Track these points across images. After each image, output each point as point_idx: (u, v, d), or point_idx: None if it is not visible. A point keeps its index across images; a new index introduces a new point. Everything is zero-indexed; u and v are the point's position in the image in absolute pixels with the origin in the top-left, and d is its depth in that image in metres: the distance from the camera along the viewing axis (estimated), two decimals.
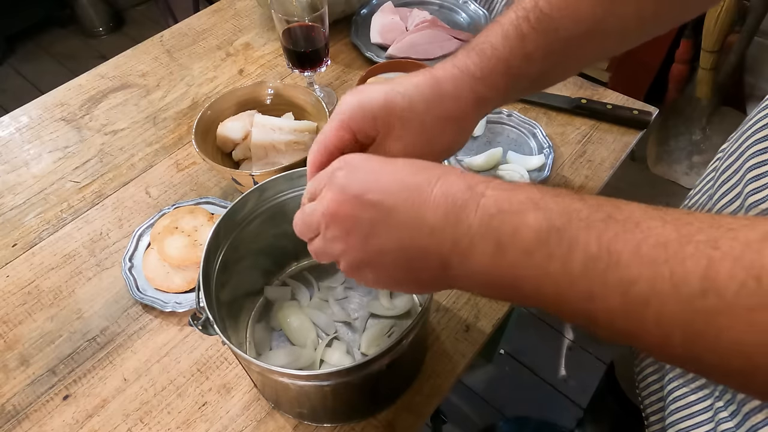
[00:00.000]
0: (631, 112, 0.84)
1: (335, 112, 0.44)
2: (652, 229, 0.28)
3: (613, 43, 0.49)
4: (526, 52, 0.45)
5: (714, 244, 0.26)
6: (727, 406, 0.44)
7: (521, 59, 0.45)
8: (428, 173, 0.35)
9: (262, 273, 0.68)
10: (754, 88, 1.73)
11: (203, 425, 0.59)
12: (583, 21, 0.45)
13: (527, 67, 0.45)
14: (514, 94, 0.49)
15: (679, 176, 1.85)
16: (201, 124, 0.76)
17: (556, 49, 0.45)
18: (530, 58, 0.45)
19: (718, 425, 0.44)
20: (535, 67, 0.46)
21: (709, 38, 1.62)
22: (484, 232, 0.32)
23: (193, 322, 0.49)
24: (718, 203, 0.46)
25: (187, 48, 1.03)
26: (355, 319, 0.66)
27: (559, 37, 0.45)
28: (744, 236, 0.25)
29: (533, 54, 0.45)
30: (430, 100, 0.43)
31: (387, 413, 0.59)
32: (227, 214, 0.56)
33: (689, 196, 0.57)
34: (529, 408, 1.40)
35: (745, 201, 0.42)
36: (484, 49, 0.45)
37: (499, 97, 0.47)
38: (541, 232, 0.30)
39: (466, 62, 0.45)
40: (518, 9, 0.46)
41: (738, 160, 0.45)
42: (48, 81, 2.29)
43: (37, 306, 0.70)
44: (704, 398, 0.47)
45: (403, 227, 0.34)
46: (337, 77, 0.96)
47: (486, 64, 0.44)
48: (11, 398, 0.62)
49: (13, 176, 0.85)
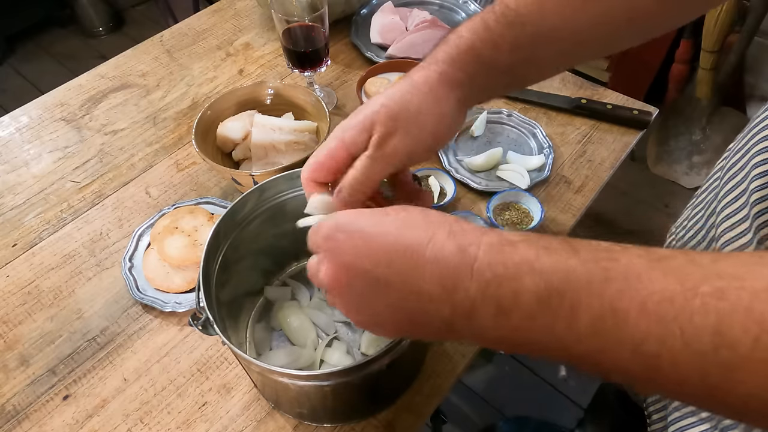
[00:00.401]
0: (631, 112, 0.84)
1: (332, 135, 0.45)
2: (654, 282, 0.27)
3: (584, 47, 0.49)
4: (493, 41, 0.45)
5: (720, 295, 0.25)
6: None
7: (489, 47, 0.46)
8: (418, 233, 0.35)
9: (262, 273, 0.68)
10: (754, 88, 1.73)
11: (203, 425, 0.59)
12: (549, 18, 0.45)
13: (496, 56, 0.46)
14: (492, 88, 0.50)
15: (679, 176, 1.85)
16: (201, 124, 0.76)
17: (524, 43, 0.46)
18: (497, 48, 0.46)
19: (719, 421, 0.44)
20: (503, 57, 0.46)
21: (709, 38, 1.62)
22: (482, 298, 0.32)
23: (193, 322, 0.49)
24: (723, 200, 0.47)
25: (187, 48, 1.03)
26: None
27: (525, 31, 0.45)
28: (750, 285, 0.25)
29: (500, 44, 0.46)
30: (410, 100, 0.45)
31: (387, 413, 0.59)
32: (227, 214, 0.56)
33: (696, 195, 0.57)
34: (529, 408, 1.40)
35: (749, 198, 0.43)
36: (451, 38, 0.47)
37: (474, 82, 0.47)
38: (541, 295, 0.30)
39: (435, 54, 0.47)
40: (486, 7, 0.47)
41: (743, 158, 0.45)
42: (48, 81, 2.29)
43: (37, 306, 0.70)
44: None
45: (399, 294, 0.35)
46: (337, 77, 0.96)
47: (453, 51, 0.46)
48: (11, 398, 0.62)
49: (13, 176, 0.85)
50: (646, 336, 0.27)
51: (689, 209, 0.58)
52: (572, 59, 0.52)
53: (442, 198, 0.76)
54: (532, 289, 0.30)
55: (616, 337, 0.28)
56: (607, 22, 0.46)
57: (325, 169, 0.45)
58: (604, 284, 0.29)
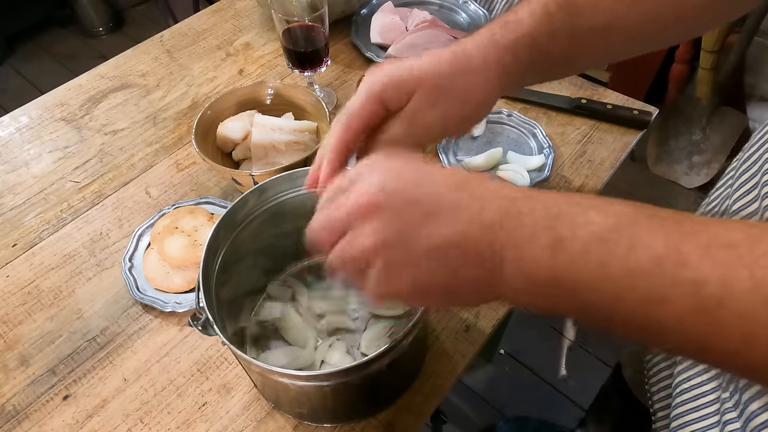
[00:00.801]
0: (631, 112, 0.84)
1: (364, 86, 0.43)
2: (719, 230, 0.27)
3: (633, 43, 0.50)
4: (551, 30, 0.45)
5: None
6: (731, 396, 0.44)
7: (547, 36, 0.45)
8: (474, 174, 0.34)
9: (262, 273, 0.68)
10: (754, 88, 1.73)
11: (203, 425, 0.59)
12: (602, 14, 0.46)
13: (552, 45, 0.46)
14: (535, 74, 0.49)
15: (679, 176, 1.85)
16: (201, 124, 0.76)
17: (579, 35, 0.46)
18: (555, 37, 0.46)
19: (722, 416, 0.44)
20: (559, 48, 0.46)
21: (709, 38, 1.62)
22: (545, 225, 0.30)
23: (193, 322, 0.49)
24: (737, 204, 0.47)
25: (187, 48, 1.03)
26: (355, 319, 0.66)
27: (582, 24, 0.46)
28: None
29: (558, 33, 0.46)
30: (458, 66, 0.44)
31: (387, 413, 0.59)
32: (227, 214, 0.56)
33: (709, 194, 0.57)
34: (529, 408, 1.40)
35: (763, 202, 0.43)
36: (510, 21, 0.46)
37: (521, 71, 0.46)
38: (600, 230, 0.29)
39: (492, 33, 0.46)
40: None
41: (757, 152, 0.46)
42: (48, 81, 2.29)
43: (37, 306, 0.70)
44: (711, 391, 0.47)
45: (456, 222, 0.32)
46: (337, 77, 0.96)
47: (512, 35, 0.45)
48: (11, 398, 0.62)
49: (13, 176, 0.85)
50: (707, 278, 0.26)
51: (703, 207, 0.58)
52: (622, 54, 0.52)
53: None
54: (593, 221, 0.29)
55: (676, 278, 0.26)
56: (657, 20, 0.47)
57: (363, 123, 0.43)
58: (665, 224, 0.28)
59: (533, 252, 0.30)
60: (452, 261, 0.32)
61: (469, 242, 0.32)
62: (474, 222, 0.32)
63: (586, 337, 1.51)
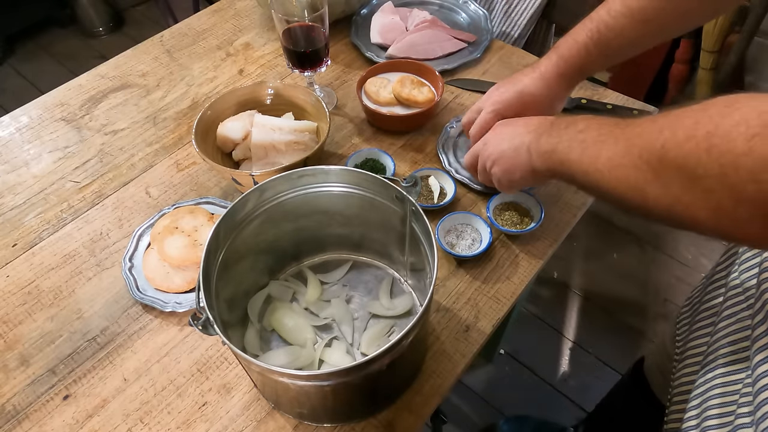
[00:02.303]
0: (631, 112, 0.84)
1: (486, 104, 0.71)
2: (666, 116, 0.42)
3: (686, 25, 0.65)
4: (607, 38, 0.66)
5: None
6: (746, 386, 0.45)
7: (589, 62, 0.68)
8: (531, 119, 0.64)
9: (262, 273, 0.68)
10: (754, 88, 1.73)
11: (203, 425, 0.59)
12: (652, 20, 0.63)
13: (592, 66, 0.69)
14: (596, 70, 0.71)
15: None
16: (201, 124, 0.76)
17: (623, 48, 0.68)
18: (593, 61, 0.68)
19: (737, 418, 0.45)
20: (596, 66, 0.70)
21: (709, 38, 1.62)
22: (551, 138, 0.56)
23: (193, 322, 0.49)
24: None
25: (187, 48, 1.03)
26: (355, 319, 0.66)
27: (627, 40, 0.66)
28: None
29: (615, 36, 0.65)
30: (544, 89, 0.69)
31: (387, 413, 0.59)
32: (227, 214, 0.56)
33: None
34: (529, 408, 1.40)
35: None
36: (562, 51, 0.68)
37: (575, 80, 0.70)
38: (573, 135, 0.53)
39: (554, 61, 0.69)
40: None
41: None
42: (48, 81, 2.29)
43: (37, 306, 0.70)
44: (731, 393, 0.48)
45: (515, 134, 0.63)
46: (337, 77, 0.96)
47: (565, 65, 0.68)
48: (11, 398, 0.62)
49: (13, 176, 0.85)
50: None
51: None
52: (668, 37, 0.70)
53: (442, 198, 0.76)
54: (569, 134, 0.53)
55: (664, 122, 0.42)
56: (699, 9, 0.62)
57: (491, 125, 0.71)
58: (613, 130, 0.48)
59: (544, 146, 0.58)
60: (511, 157, 0.63)
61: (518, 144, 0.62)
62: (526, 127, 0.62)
63: (586, 337, 1.51)
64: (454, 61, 0.96)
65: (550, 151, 0.56)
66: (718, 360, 0.52)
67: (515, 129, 0.63)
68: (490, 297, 0.68)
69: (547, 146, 0.56)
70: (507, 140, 0.63)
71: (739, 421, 0.45)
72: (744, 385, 0.47)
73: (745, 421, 0.44)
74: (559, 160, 0.54)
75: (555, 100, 0.71)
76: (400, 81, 0.86)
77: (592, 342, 1.51)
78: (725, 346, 0.52)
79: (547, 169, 0.57)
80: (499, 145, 0.64)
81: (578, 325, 1.54)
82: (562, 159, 0.54)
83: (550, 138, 0.56)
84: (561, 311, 1.57)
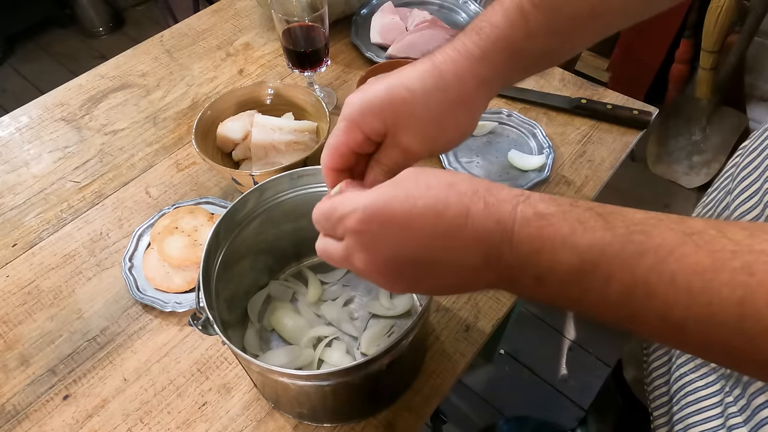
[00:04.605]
0: (631, 112, 0.84)
1: (342, 115, 0.43)
2: (685, 257, 0.28)
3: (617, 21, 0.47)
4: (528, 30, 0.43)
5: (749, 270, 0.26)
6: (737, 401, 0.44)
7: (523, 37, 0.43)
8: (454, 210, 0.34)
9: (262, 273, 0.68)
10: (754, 88, 1.73)
11: (203, 425, 0.59)
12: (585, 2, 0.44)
13: (530, 45, 0.44)
14: (516, 74, 0.47)
15: (679, 176, 1.85)
16: (201, 124, 0.76)
17: (560, 28, 0.44)
18: (533, 36, 0.43)
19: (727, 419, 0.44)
20: (538, 45, 0.44)
21: (709, 38, 1.62)
22: (523, 269, 0.33)
23: (193, 322, 0.49)
24: (737, 199, 0.47)
25: (187, 48, 1.03)
26: (355, 319, 0.66)
27: (563, 15, 0.43)
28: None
29: (536, 32, 0.43)
30: (433, 87, 0.42)
31: (387, 413, 0.59)
32: (227, 214, 0.56)
33: (708, 193, 0.57)
34: (529, 408, 1.40)
35: (764, 197, 0.43)
36: (483, 27, 0.43)
37: (501, 76, 0.45)
38: (575, 268, 0.31)
39: (465, 43, 0.43)
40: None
41: (759, 157, 0.46)
42: (48, 81, 2.29)
43: (37, 306, 0.70)
44: (714, 394, 0.47)
45: (444, 271, 0.36)
46: (337, 77, 0.96)
47: (485, 43, 0.43)
48: (11, 398, 0.62)
49: (13, 176, 0.84)
50: (672, 307, 0.28)
51: (700, 207, 0.58)
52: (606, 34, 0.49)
53: None
54: (567, 262, 0.31)
55: (645, 306, 0.29)
56: None
57: (345, 156, 0.44)
58: (637, 258, 0.29)
59: (520, 287, 0.34)
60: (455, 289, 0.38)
61: (464, 282, 0.36)
62: (464, 269, 0.35)
63: (586, 337, 1.51)
64: None
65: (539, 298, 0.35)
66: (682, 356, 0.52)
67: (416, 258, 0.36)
68: (490, 297, 0.68)
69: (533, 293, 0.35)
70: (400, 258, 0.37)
71: (731, 421, 0.45)
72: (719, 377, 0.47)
73: (737, 421, 0.44)
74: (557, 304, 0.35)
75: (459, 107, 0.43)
76: None
77: (592, 342, 1.51)
78: None
79: None
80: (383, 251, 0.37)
81: (578, 325, 1.54)
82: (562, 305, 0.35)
83: None
84: (561, 311, 1.57)
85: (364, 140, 0.43)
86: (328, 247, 0.39)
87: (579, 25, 0.45)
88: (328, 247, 0.39)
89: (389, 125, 0.42)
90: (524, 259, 0.33)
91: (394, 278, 0.37)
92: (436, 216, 0.34)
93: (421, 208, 0.35)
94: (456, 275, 0.35)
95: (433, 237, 0.35)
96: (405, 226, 0.35)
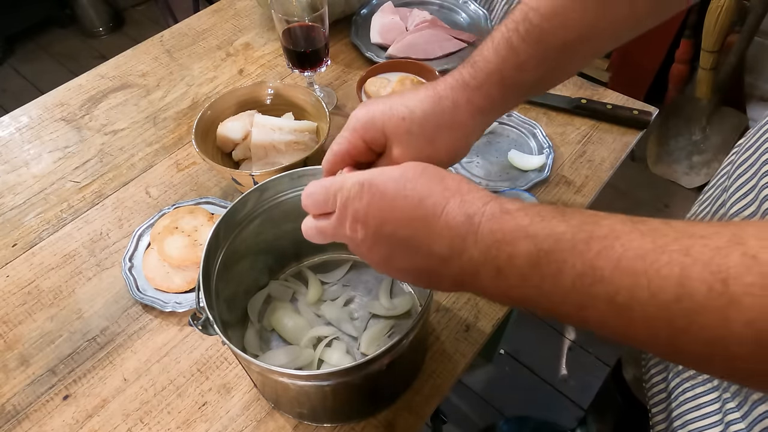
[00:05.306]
0: (631, 112, 0.84)
1: (347, 125, 0.48)
2: (631, 242, 0.30)
3: (607, 43, 0.50)
4: (518, 63, 0.46)
5: (686, 252, 0.28)
6: (734, 397, 0.44)
7: (514, 69, 0.46)
8: (434, 200, 0.38)
9: (262, 273, 0.68)
10: (754, 88, 1.73)
11: (203, 425, 0.59)
12: (574, 28, 0.46)
13: (521, 77, 0.47)
14: (513, 101, 0.50)
15: (679, 176, 1.85)
16: (201, 124, 0.76)
17: (550, 56, 0.47)
18: (523, 68, 0.46)
19: (725, 415, 0.45)
20: (529, 76, 0.47)
21: (709, 38, 1.62)
22: (484, 261, 0.35)
23: (193, 322, 0.49)
24: (733, 197, 0.47)
25: (187, 48, 1.03)
26: (355, 319, 0.66)
27: (551, 45, 0.46)
28: (714, 243, 0.27)
29: (526, 64, 0.46)
30: (430, 110, 0.46)
31: (387, 413, 0.59)
32: (227, 214, 0.56)
33: (704, 191, 0.57)
34: (529, 408, 1.40)
35: (760, 194, 0.43)
36: (477, 61, 0.47)
37: (497, 107, 0.49)
38: (532, 257, 0.33)
39: (462, 74, 0.47)
40: (509, 22, 0.47)
41: (754, 154, 0.46)
42: (48, 81, 2.29)
43: (37, 306, 0.70)
44: (711, 390, 0.47)
45: (416, 253, 0.39)
46: (337, 77, 0.96)
47: (480, 75, 0.47)
48: (11, 398, 0.62)
49: (13, 176, 0.85)
50: (618, 289, 0.30)
51: (696, 205, 0.58)
52: (598, 55, 0.53)
53: None
54: (525, 252, 0.33)
55: (594, 291, 0.31)
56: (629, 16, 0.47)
57: (346, 161, 0.48)
58: (587, 245, 0.31)
59: (482, 281, 0.36)
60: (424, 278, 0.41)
61: (431, 270, 0.39)
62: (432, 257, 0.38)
63: (586, 337, 1.51)
64: (454, 61, 0.95)
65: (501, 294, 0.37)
66: None
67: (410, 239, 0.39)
68: None
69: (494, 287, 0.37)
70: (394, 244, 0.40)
71: (729, 417, 0.45)
72: None
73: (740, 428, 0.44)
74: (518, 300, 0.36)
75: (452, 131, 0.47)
76: (400, 81, 0.86)
77: (591, 342, 1.51)
78: None
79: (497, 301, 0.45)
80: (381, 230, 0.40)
81: None
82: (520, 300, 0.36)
83: None
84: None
85: (365, 149, 0.47)
86: (319, 223, 0.43)
87: (569, 51, 0.47)
88: (319, 222, 0.43)
89: (388, 138, 0.46)
90: (486, 251, 0.35)
91: (374, 250, 0.41)
92: (418, 200, 0.38)
93: (408, 191, 0.38)
94: (424, 259, 0.38)
95: (411, 218, 0.38)
96: (391, 203, 0.39)
